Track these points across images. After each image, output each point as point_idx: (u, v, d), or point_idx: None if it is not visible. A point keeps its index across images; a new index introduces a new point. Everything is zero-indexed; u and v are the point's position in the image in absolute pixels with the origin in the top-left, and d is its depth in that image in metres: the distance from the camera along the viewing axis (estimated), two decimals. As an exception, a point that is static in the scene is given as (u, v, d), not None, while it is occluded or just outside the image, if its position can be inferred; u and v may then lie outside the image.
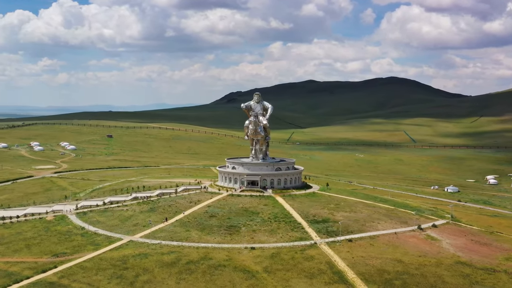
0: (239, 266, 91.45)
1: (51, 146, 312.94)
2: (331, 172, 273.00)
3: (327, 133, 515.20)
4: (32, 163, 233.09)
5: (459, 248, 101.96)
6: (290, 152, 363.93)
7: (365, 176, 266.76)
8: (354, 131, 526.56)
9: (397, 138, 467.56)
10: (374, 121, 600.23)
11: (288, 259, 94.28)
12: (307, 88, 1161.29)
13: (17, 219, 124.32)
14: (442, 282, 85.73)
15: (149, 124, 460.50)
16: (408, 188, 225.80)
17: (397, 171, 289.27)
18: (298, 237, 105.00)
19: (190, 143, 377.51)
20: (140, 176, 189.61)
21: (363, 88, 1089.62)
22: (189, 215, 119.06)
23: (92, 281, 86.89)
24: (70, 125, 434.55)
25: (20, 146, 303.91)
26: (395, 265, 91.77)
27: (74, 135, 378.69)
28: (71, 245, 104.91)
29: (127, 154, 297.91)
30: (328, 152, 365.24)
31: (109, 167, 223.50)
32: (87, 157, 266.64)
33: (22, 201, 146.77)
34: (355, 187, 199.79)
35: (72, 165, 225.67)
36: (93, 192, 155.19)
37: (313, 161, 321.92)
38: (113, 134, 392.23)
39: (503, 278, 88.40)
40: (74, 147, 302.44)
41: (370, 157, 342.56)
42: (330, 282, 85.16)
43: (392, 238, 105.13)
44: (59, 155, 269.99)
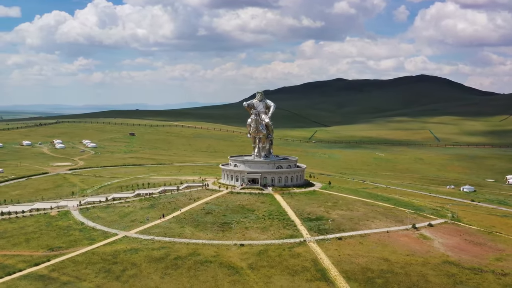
0: (224, 262, 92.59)
1: (73, 143, 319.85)
2: (347, 170, 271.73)
3: (351, 132, 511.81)
4: (51, 160, 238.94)
5: (450, 247, 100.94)
6: (309, 150, 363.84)
7: (381, 175, 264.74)
8: (378, 129, 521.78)
9: (421, 137, 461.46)
10: (400, 120, 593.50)
11: (275, 256, 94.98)
12: (336, 87, 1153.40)
13: (22, 214, 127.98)
14: (425, 281, 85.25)
15: (172, 123, 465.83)
16: (423, 187, 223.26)
17: (416, 170, 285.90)
18: (288, 235, 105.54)
19: (211, 141, 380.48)
20: (150, 173, 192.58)
21: (392, 86, 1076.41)
22: (186, 212, 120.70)
23: (81, 275, 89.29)
24: (95, 123, 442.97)
25: (43, 143, 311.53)
26: (381, 263, 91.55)
27: (97, 133, 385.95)
28: (68, 240, 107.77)
29: (145, 152, 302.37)
30: (348, 151, 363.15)
31: (124, 164, 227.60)
32: (105, 155, 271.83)
33: (32, 197, 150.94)
34: (365, 186, 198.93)
35: (88, 163, 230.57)
36: (100, 189, 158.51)
37: (331, 159, 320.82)
38: (136, 132, 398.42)
39: (489, 278, 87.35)
40: (94, 145, 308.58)
41: (390, 156, 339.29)
42: (311, 280, 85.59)
43: (383, 237, 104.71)
44: (79, 152, 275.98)
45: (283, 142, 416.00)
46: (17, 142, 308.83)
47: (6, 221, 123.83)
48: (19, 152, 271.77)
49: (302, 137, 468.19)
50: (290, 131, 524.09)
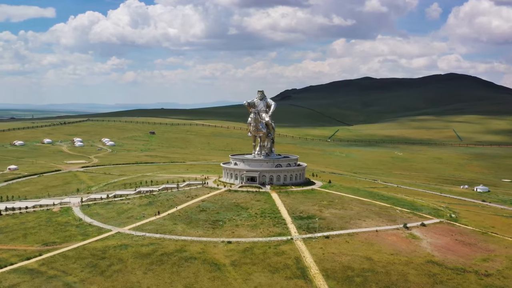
0: (209, 259, 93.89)
1: (92, 142, 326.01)
2: (362, 170, 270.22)
3: (373, 131, 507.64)
4: (67, 158, 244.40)
5: (437, 247, 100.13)
6: (327, 149, 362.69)
7: (396, 174, 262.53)
8: (401, 128, 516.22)
9: (444, 136, 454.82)
10: (424, 118, 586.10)
11: (259, 254, 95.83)
12: (363, 86, 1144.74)
13: (26, 210, 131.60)
14: (405, 281, 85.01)
15: (193, 121, 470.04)
16: (436, 187, 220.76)
17: (432, 170, 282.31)
18: (277, 233, 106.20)
19: (229, 140, 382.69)
20: (158, 171, 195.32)
21: (420, 85, 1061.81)
22: (181, 209, 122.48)
23: (68, 269, 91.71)
24: (118, 122, 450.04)
25: (64, 142, 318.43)
26: (363, 262, 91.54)
27: (119, 132, 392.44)
28: (63, 235, 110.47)
29: (162, 150, 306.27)
30: (366, 150, 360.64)
31: (136, 162, 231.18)
32: (121, 153, 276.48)
33: (40, 193, 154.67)
34: (374, 185, 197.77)
35: (102, 160, 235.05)
36: (105, 186, 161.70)
37: (348, 158, 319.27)
38: (156, 130, 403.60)
39: (470, 278, 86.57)
40: (113, 143, 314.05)
41: (409, 155, 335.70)
42: (290, 277, 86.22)
43: (371, 236, 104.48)
44: (96, 150, 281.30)
45: (302, 141, 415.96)
46: (38, 140, 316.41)
47: (9, 216, 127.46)
48: (39, 150, 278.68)
49: (323, 136, 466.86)
50: (312, 129, 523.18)
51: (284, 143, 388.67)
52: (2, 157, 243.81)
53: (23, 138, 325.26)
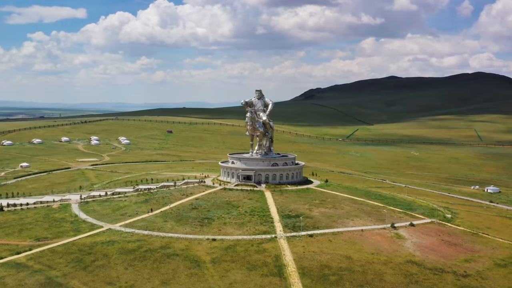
0: (190, 256, 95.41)
1: (109, 140, 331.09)
2: (373, 169, 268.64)
3: (393, 130, 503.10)
4: (80, 156, 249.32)
5: (420, 247, 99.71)
6: (343, 148, 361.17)
7: (408, 174, 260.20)
8: (421, 128, 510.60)
9: (465, 136, 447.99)
10: (446, 118, 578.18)
11: (241, 251, 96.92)
12: (388, 85, 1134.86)
13: (27, 206, 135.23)
14: (380, 280, 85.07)
15: (211, 120, 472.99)
16: (446, 187, 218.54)
17: (446, 170, 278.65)
18: (262, 231, 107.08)
19: (245, 139, 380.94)
20: (164, 170, 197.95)
21: (446, 84, 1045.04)
22: (174, 207, 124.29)
23: (53, 264, 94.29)
24: (137, 121, 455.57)
25: (81, 140, 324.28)
26: (342, 261, 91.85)
27: (137, 130, 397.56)
28: (56, 231, 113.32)
29: (176, 149, 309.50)
30: (382, 149, 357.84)
31: (146, 160, 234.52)
32: (135, 151, 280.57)
33: (45, 190, 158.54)
34: (380, 185, 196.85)
35: (113, 159, 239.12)
36: (108, 184, 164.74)
37: (362, 158, 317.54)
38: (174, 129, 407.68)
39: (447, 278, 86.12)
40: (128, 142, 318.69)
41: (425, 155, 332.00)
42: (266, 275, 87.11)
43: (355, 235, 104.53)
44: (110, 149, 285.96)
45: (319, 140, 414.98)
46: (56, 139, 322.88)
47: (10, 212, 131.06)
48: (55, 148, 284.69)
49: (341, 136, 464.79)
50: (331, 129, 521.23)
51: (300, 142, 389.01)
52: (18, 154, 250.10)
53: (42, 136, 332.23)
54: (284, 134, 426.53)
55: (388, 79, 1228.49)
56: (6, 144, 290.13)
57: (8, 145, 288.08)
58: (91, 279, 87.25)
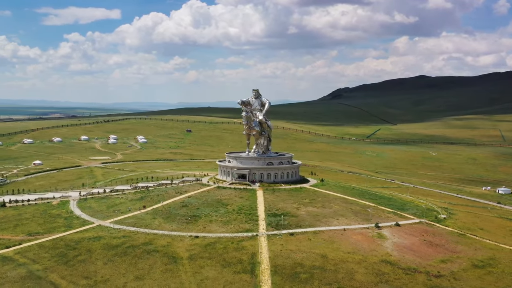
0: (169, 252, 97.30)
1: (127, 139, 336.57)
2: (386, 169, 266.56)
3: (415, 130, 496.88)
4: (95, 154, 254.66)
5: (399, 247, 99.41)
6: (360, 148, 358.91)
7: (421, 174, 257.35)
8: (444, 128, 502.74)
9: (488, 136, 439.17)
10: (471, 118, 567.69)
11: (220, 249, 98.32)
12: (416, 84, 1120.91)
13: (28, 202, 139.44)
14: (350, 279, 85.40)
15: (231, 120, 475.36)
16: (457, 188, 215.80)
17: (461, 170, 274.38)
18: (245, 229, 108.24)
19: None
20: (170, 168, 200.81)
21: (477, 84, 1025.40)
22: (165, 204, 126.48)
23: (37, 258, 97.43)
24: (159, 120, 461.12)
25: (99, 139, 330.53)
26: (316, 259, 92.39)
27: (157, 129, 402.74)
28: (49, 226, 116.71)
29: (191, 147, 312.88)
30: (400, 149, 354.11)
31: (157, 159, 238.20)
32: (149, 150, 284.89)
33: (50, 187, 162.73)
34: (387, 185, 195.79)
35: (126, 157, 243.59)
36: (110, 181, 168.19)
37: (377, 158, 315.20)
38: (194, 128, 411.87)
39: (419, 278, 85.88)
40: (145, 141, 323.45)
41: (442, 155, 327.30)
42: (238, 272, 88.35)
43: (336, 234, 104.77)
44: (126, 147, 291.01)
45: (337, 140, 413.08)
46: (76, 137, 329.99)
47: (12, 208, 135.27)
48: (73, 146, 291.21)
49: (362, 135, 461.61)
50: (353, 128, 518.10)
51: (318, 142, 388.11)
52: (35, 152, 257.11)
53: (64, 135, 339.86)
54: (303, 134, 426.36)
55: (417, 78, 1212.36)
56: (26, 143, 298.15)
57: (28, 143, 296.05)
58: (69, 273, 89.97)
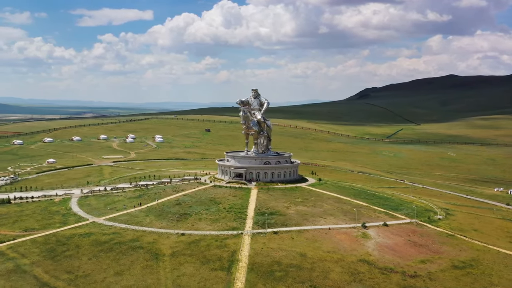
0: (153, 249, 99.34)
1: (145, 138, 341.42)
2: (399, 169, 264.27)
3: (438, 130, 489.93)
4: (109, 153, 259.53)
5: (381, 247, 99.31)
6: (377, 148, 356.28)
7: (434, 175, 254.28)
8: (468, 128, 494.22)
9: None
10: (498, 118, 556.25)
11: (203, 246, 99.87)
12: (445, 84, 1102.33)
13: (32, 199, 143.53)
14: (324, 278, 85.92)
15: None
16: (469, 189, 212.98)
17: (477, 171, 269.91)
18: (232, 227, 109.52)
19: (280, 138, 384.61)
20: (178, 167, 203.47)
21: (507, 83, 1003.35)
22: (160, 202, 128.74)
23: (28, 252, 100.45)
24: (180, 120, 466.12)
25: (118, 138, 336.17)
26: (295, 258, 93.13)
27: (177, 129, 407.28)
28: (45, 223, 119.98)
29: (206, 147, 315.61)
30: (418, 150, 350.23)
31: (168, 158, 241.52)
32: (164, 149, 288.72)
33: (57, 185, 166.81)
34: (393, 185, 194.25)
35: (139, 156, 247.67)
36: (114, 180, 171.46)
37: (393, 158, 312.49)
38: (213, 128, 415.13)
39: (393, 278, 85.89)
40: (162, 140, 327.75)
41: (461, 156, 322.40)
42: (215, 269, 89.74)
43: (320, 233, 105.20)
44: (142, 146, 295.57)
45: (356, 140, 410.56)
46: (95, 137, 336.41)
47: (16, 204, 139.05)
48: (90, 145, 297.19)
49: (383, 135, 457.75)
50: (375, 128, 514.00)
51: (336, 141, 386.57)
52: (53, 151, 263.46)
53: (84, 134, 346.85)
54: (322, 134, 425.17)
55: (446, 78, 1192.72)
56: (47, 141, 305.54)
57: (48, 142, 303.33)
58: (53, 268, 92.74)
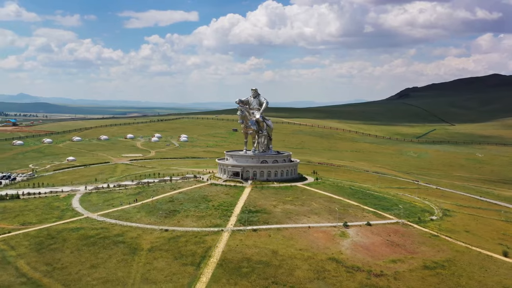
0: (133, 244, 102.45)
1: (171, 138, 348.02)
2: (420, 170, 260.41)
3: (472, 130, 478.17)
4: (131, 151, 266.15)
5: (356, 246, 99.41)
6: (402, 148, 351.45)
7: (454, 176, 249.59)
8: (503, 128, 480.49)
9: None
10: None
11: (181, 242, 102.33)
12: (489, 83, 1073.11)
13: (39, 195, 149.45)
14: (288, 275, 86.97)
15: (279, 119, 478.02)
16: (485, 191, 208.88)
17: (500, 173, 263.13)
18: (215, 224, 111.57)
19: (306, 137, 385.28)
20: (189, 165, 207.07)
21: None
22: (155, 200, 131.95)
23: (17, 245, 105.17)
24: (210, 120, 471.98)
25: (144, 137, 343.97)
26: (266, 255, 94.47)
27: (205, 129, 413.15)
28: (43, 217, 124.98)
29: (228, 146, 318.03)
30: (445, 150, 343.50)
31: (186, 157, 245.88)
32: (185, 148, 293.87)
33: (68, 182, 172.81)
34: (404, 185, 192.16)
35: (158, 154, 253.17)
36: (122, 177, 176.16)
37: (417, 159, 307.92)
38: (240, 128, 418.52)
39: (358, 277, 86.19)
40: (186, 139, 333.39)
41: (489, 157, 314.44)
42: (186, 264, 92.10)
43: (298, 231, 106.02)
44: (165, 145, 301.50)
45: (384, 140, 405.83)
46: (122, 136, 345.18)
47: (23, 200, 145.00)
48: (115, 144, 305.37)
49: (413, 135, 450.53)
50: (407, 128, 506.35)
51: (362, 141, 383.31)
52: (78, 150, 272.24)
53: (113, 133, 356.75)
54: (350, 134, 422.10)
55: (490, 77, 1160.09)
56: (75, 140, 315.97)
57: (76, 141, 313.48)
58: (35, 260, 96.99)
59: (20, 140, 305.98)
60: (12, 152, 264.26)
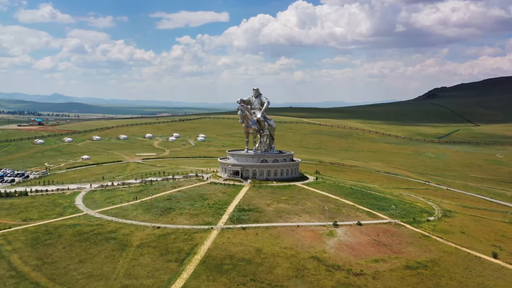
0: (124, 240, 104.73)
1: (189, 137, 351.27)
2: (435, 171, 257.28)
3: (496, 131, 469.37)
4: (145, 150, 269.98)
5: (341, 245, 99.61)
6: (421, 149, 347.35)
7: (469, 177, 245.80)
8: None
9: None
10: None
11: (170, 239, 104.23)
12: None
13: (46, 192, 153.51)
14: (268, 272, 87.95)
15: (300, 119, 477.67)
16: (498, 192, 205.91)
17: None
18: (206, 222, 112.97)
19: (325, 138, 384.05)
20: (198, 164, 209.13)
21: None
22: (154, 198, 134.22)
23: (14, 240, 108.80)
24: (231, 120, 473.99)
25: (162, 136, 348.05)
26: (249, 253, 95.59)
27: (225, 128, 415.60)
28: (45, 214, 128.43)
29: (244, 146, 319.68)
30: (464, 151, 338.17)
31: (198, 156, 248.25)
32: (200, 147, 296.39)
33: (78, 179, 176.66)
34: (414, 185, 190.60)
35: (171, 153, 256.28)
36: (129, 176, 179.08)
37: (434, 159, 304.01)
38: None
39: (336, 275, 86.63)
40: (203, 139, 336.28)
41: (508, 158, 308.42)
42: (170, 260, 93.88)
43: (286, 230, 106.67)
44: (181, 145, 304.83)
45: (404, 140, 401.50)
46: (141, 135, 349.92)
47: (31, 197, 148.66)
48: (133, 143, 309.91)
49: (434, 136, 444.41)
50: (430, 128, 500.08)
51: (381, 142, 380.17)
52: (96, 148, 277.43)
53: (132, 132, 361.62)
54: (369, 134, 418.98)
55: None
56: (95, 139, 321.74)
57: (96, 140, 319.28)
58: (28, 255, 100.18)
59: (42, 139, 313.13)
60: (31, 150, 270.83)
